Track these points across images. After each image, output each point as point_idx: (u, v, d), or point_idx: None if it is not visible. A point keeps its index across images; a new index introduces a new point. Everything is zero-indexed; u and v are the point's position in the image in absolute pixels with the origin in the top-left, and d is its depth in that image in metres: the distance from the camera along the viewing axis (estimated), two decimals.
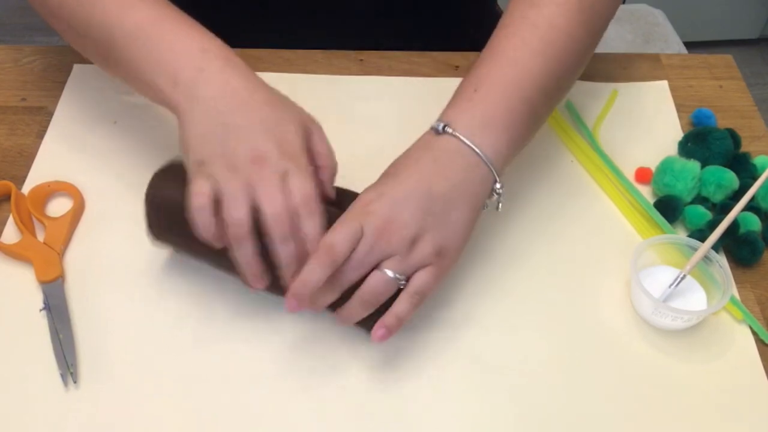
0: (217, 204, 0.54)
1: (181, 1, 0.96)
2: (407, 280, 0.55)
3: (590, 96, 0.80)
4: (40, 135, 0.74)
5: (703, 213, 0.68)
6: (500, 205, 0.60)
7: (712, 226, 0.64)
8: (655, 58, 0.85)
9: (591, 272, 0.66)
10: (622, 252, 0.65)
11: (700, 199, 0.70)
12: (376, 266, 0.54)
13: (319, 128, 0.59)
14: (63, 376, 0.57)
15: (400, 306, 0.55)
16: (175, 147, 0.58)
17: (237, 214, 0.53)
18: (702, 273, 0.63)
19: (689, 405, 0.58)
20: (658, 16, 1.66)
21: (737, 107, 0.80)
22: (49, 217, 0.67)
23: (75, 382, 0.57)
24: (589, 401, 0.58)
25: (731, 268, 0.66)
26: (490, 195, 0.59)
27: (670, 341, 0.61)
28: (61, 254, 0.65)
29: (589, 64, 0.84)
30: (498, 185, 0.58)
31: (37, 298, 0.62)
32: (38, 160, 0.72)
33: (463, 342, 0.61)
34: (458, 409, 0.57)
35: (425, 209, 0.55)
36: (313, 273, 0.52)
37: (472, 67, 0.61)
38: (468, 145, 0.56)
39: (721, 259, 0.66)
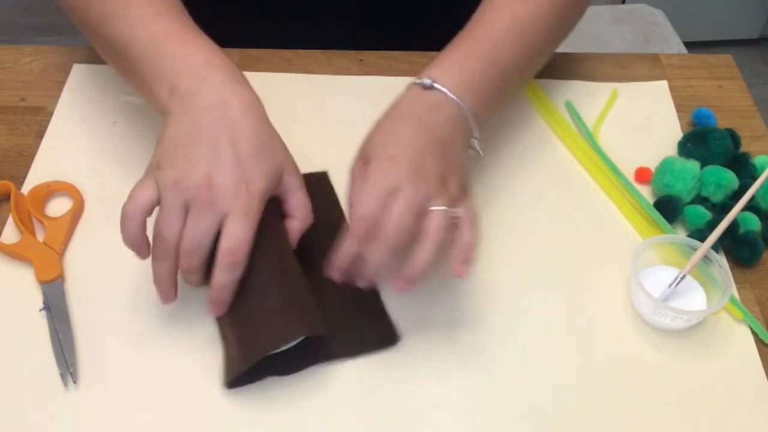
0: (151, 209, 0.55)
1: (181, 1, 0.96)
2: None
3: (590, 96, 0.80)
4: (40, 135, 0.74)
5: (703, 213, 0.68)
6: (481, 152, 0.64)
7: (712, 226, 0.64)
8: (654, 58, 0.85)
9: (591, 272, 0.66)
10: (622, 252, 0.65)
11: (700, 199, 0.70)
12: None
13: (298, 178, 0.60)
14: (63, 376, 0.57)
15: (465, 236, 0.56)
16: None
17: (165, 231, 0.54)
18: (702, 273, 0.63)
19: (689, 405, 0.58)
20: (658, 16, 1.66)
21: (737, 107, 0.80)
22: (48, 217, 0.67)
23: (75, 382, 0.57)
24: (589, 401, 0.58)
25: (731, 268, 0.66)
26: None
27: (670, 341, 0.61)
28: (61, 254, 0.65)
29: (589, 64, 0.84)
30: (476, 142, 0.63)
31: (37, 298, 0.62)
32: (38, 160, 0.72)
33: (462, 342, 0.61)
34: (458, 409, 0.57)
35: (440, 153, 0.58)
36: (350, 247, 0.55)
37: (462, 34, 0.66)
38: (455, 100, 0.60)
39: (721, 259, 0.66)
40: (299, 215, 0.59)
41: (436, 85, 0.60)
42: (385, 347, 0.60)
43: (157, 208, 0.55)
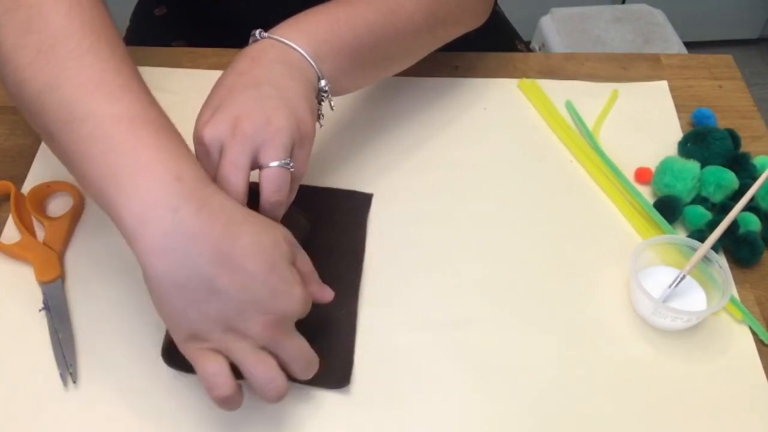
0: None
1: (182, 1, 0.96)
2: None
3: (590, 96, 0.80)
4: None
5: (703, 213, 0.68)
6: (332, 104, 0.61)
7: (712, 226, 0.64)
8: (654, 59, 0.85)
9: (590, 272, 0.66)
10: (622, 252, 0.65)
11: (700, 200, 0.70)
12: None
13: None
14: (62, 376, 0.57)
15: (289, 197, 0.56)
16: None
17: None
18: (701, 273, 0.63)
19: (688, 405, 0.58)
20: (658, 16, 1.66)
21: (737, 107, 0.80)
22: (48, 217, 0.67)
23: (74, 382, 0.57)
24: (589, 401, 0.58)
25: (731, 268, 0.66)
26: (320, 99, 0.60)
27: (670, 341, 0.61)
28: (61, 254, 0.65)
29: (589, 64, 0.84)
30: (323, 83, 0.59)
31: (37, 298, 0.62)
32: (38, 160, 0.72)
33: (462, 342, 0.61)
34: (457, 409, 0.57)
35: (262, 95, 0.55)
36: None
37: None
38: (277, 40, 0.58)
39: (721, 260, 0.66)
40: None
41: (263, 35, 0.60)
42: (331, 387, 0.58)
43: None
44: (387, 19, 0.64)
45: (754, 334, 0.62)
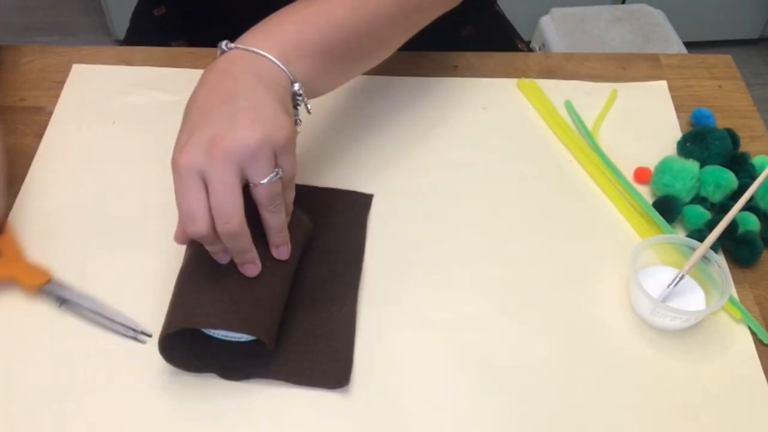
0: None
1: (181, 1, 0.96)
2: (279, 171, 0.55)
3: (589, 96, 0.80)
4: (39, 135, 0.75)
5: (702, 213, 0.68)
6: (309, 108, 0.61)
7: (711, 226, 0.64)
8: (654, 58, 0.85)
9: (590, 272, 0.66)
10: (621, 252, 0.65)
11: (699, 199, 0.70)
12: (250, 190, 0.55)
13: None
14: (136, 339, 0.59)
15: (288, 197, 0.57)
16: (172, 146, 0.57)
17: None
18: (701, 273, 0.63)
19: (688, 405, 0.58)
20: (658, 16, 1.66)
21: (736, 107, 0.80)
22: None
23: (150, 336, 0.59)
24: (588, 401, 0.58)
25: (730, 268, 0.66)
26: (295, 103, 0.60)
27: (669, 341, 0.61)
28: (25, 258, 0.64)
29: (588, 64, 0.84)
30: (296, 86, 0.58)
31: (39, 308, 0.62)
32: (37, 160, 0.72)
33: (461, 342, 0.61)
34: (457, 409, 0.57)
35: (232, 111, 0.54)
36: (210, 248, 0.56)
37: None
38: (244, 49, 0.57)
39: (720, 259, 0.66)
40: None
41: (229, 46, 0.59)
42: (331, 388, 0.58)
43: None
44: (356, 12, 0.63)
45: (753, 333, 0.62)
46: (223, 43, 0.59)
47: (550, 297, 0.64)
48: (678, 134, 0.76)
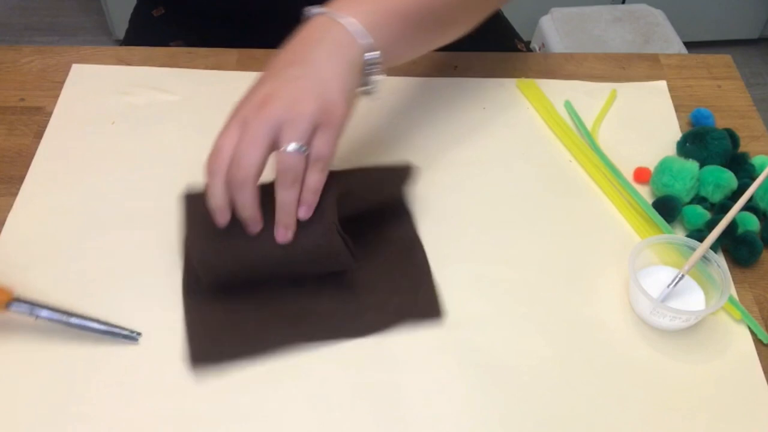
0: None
1: (180, 2, 0.96)
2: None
3: (589, 96, 0.80)
4: (39, 135, 0.75)
5: (702, 213, 0.68)
6: (383, 76, 0.62)
7: (711, 226, 0.64)
8: (653, 58, 0.85)
9: (589, 272, 0.66)
10: (621, 252, 0.65)
11: (699, 199, 0.70)
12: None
13: None
14: (129, 338, 0.59)
15: (310, 178, 0.57)
16: (171, 146, 0.58)
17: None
18: (700, 273, 0.63)
19: (687, 405, 0.58)
20: (658, 16, 1.66)
21: (736, 107, 0.80)
22: None
23: (140, 334, 0.60)
24: (588, 401, 0.58)
25: (730, 268, 0.66)
26: (367, 71, 0.61)
27: (669, 341, 0.61)
28: None
29: (588, 64, 0.84)
30: (369, 55, 0.60)
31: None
32: (37, 160, 0.72)
33: (461, 342, 0.61)
34: (457, 409, 0.57)
35: (296, 76, 0.57)
36: (213, 189, 0.56)
37: None
38: (323, 13, 0.60)
39: (720, 259, 0.66)
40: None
41: (310, 12, 0.61)
42: (431, 317, 0.62)
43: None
44: None
45: (752, 333, 0.62)
46: (311, 9, 0.61)
47: (550, 297, 0.64)
48: (677, 134, 0.76)
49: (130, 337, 0.60)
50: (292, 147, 0.55)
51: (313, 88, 0.56)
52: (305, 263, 0.59)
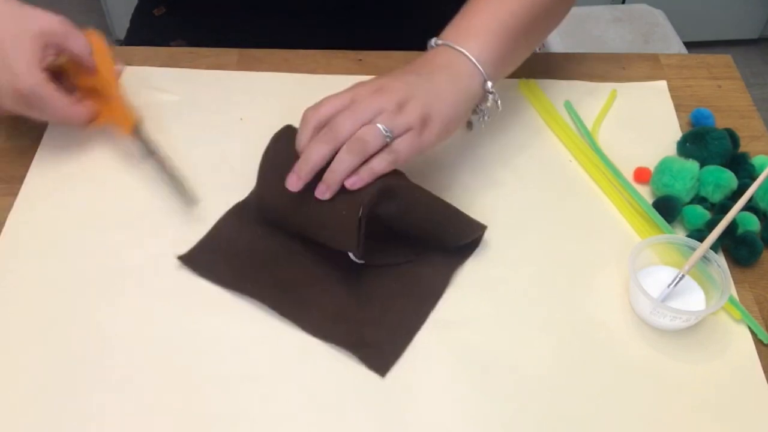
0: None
1: (181, 1, 0.96)
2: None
3: (589, 96, 0.80)
4: (39, 135, 0.74)
5: (702, 213, 0.68)
6: (499, 104, 0.67)
7: (711, 226, 0.64)
8: (653, 58, 0.85)
9: (589, 272, 0.66)
10: (621, 252, 0.66)
11: (699, 199, 0.70)
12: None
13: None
14: (191, 202, 0.67)
15: (376, 161, 0.59)
16: (172, 146, 0.58)
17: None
18: (701, 273, 0.63)
19: (687, 405, 0.58)
20: (658, 16, 1.66)
21: (736, 107, 0.80)
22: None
23: (195, 201, 0.67)
24: (588, 401, 0.58)
25: (730, 267, 0.66)
26: (484, 97, 0.66)
27: (669, 341, 0.61)
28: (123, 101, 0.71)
29: (588, 64, 0.84)
30: (489, 84, 0.65)
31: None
32: (37, 160, 0.72)
33: (461, 342, 0.61)
34: (457, 409, 0.57)
35: (413, 82, 0.62)
36: (301, 135, 0.61)
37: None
38: (450, 46, 0.65)
39: (720, 259, 0.66)
40: (83, 53, 0.67)
41: (437, 42, 0.66)
42: (478, 233, 0.65)
43: None
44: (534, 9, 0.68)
45: (752, 333, 0.62)
46: (432, 41, 0.67)
47: (550, 297, 0.64)
48: (678, 134, 0.76)
49: (192, 201, 0.67)
50: (379, 126, 0.59)
51: (424, 99, 0.61)
52: (318, 222, 0.61)
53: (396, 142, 0.60)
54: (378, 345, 0.59)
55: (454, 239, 0.65)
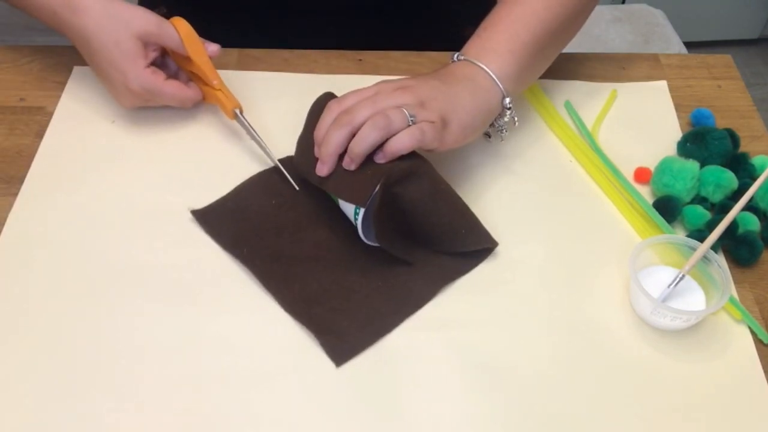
0: None
1: (181, 2, 0.96)
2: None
3: (589, 96, 0.80)
4: (39, 135, 0.74)
5: (702, 213, 0.68)
6: (516, 120, 0.70)
7: (711, 226, 0.64)
8: (654, 58, 0.85)
9: (590, 272, 0.66)
10: (621, 252, 0.65)
11: (699, 199, 0.70)
12: None
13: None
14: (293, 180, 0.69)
15: (402, 134, 0.61)
16: (172, 145, 0.58)
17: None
18: (701, 273, 0.63)
19: (688, 405, 0.58)
20: (658, 16, 1.66)
21: (736, 107, 0.80)
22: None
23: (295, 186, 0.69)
24: (588, 401, 0.58)
25: (730, 268, 0.66)
26: (502, 113, 0.68)
27: (669, 341, 0.61)
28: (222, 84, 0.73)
29: (588, 64, 0.84)
30: (507, 100, 0.67)
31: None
32: (37, 160, 0.72)
33: (462, 342, 0.61)
34: (456, 409, 0.57)
35: (436, 86, 0.64)
36: (321, 122, 0.64)
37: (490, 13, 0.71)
38: (472, 62, 0.67)
39: (720, 259, 0.66)
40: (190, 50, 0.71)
41: (460, 57, 0.68)
42: (487, 245, 0.65)
43: None
44: (553, 2, 0.70)
45: (753, 333, 0.62)
46: (454, 55, 0.69)
47: (550, 297, 0.64)
48: (678, 134, 0.76)
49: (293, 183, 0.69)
50: (404, 109, 0.61)
51: (444, 103, 0.63)
52: (343, 172, 0.63)
53: (421, 124, 0.61)
54: (342, 335, 0.60)
55: (463, 242, 0.65)
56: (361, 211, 0.61)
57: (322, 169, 0.63)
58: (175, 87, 0.72)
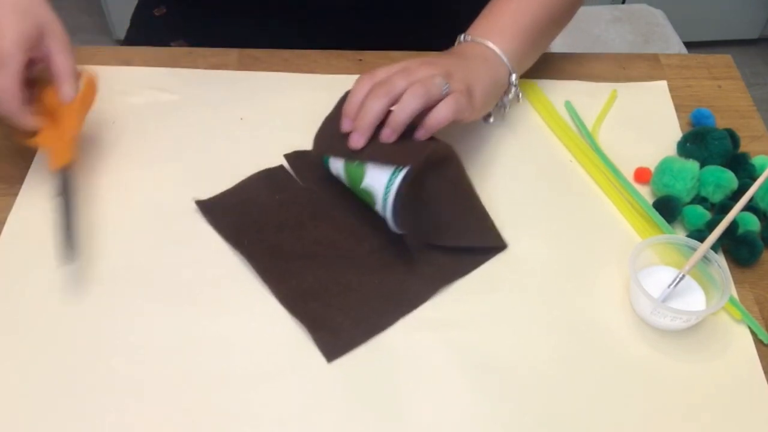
0: None
1: (181, 2, 0.96)
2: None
3: (589, 96, 0.80)
4: None
5: (702, 213, 0.68)
6: (519, 96, 0.74)
7: (711, 226, 0.64)
8: (654, 58, 0.85)
9: (590, 272, 0.66)
10: (621, 252, 0.65)
11: (699, 199, 0.70)
12: None
13: (60, 42, 0.66)
14: (67, 254, 0.62)
15: (441, 105, 0.63)
16: (172, 145, 0.58)
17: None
18: (701, 273, 0.63)
19: (688, 405, 0.58)
20: (658, 16, 1.66)
21: (736, 107, 0.80)
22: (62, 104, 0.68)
23: (74, 258, 0.63)
24: (588, 401, 0.58)
25: (730, 268, 0.66)
26: (507, 89, 0.72)
27: (669, 341, 0.61)
28: (73, 141, 0.67)
29: (588, 64, 0.84)
30: (513, 77, 0.71)
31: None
32: (37, 160, 0.72)
33: (462, 342, 0.61)
34: (456, 409, 0.57)
35: (455, 62, 0.67)
36: (353, 94, 0.65)
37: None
38: (479, 42, 0.70)
39: (720, 259, 0.66)
40: (63, 78, 0.65)
41: (467, 38, 0.71)
42: (495, 244, 0.66)
43: None
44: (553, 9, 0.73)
45: (753, 333, 0.62)
46: (461, 36, 0.72)
47: (550, 297, 0.64)
48: (678, 134, 0.76)
49: (71, 257, 0.63)
50: (438, 80, 0.62)
51: (465, 75, 0.65)
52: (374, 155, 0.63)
53: (456, 92, 0.63)
54: (336, 331, 0.60)
55: (471, 235, 0.66)
56: (401, 173, 0.60)
57: (359, 141, 0.63)
58: (22, 97, 0.63)
